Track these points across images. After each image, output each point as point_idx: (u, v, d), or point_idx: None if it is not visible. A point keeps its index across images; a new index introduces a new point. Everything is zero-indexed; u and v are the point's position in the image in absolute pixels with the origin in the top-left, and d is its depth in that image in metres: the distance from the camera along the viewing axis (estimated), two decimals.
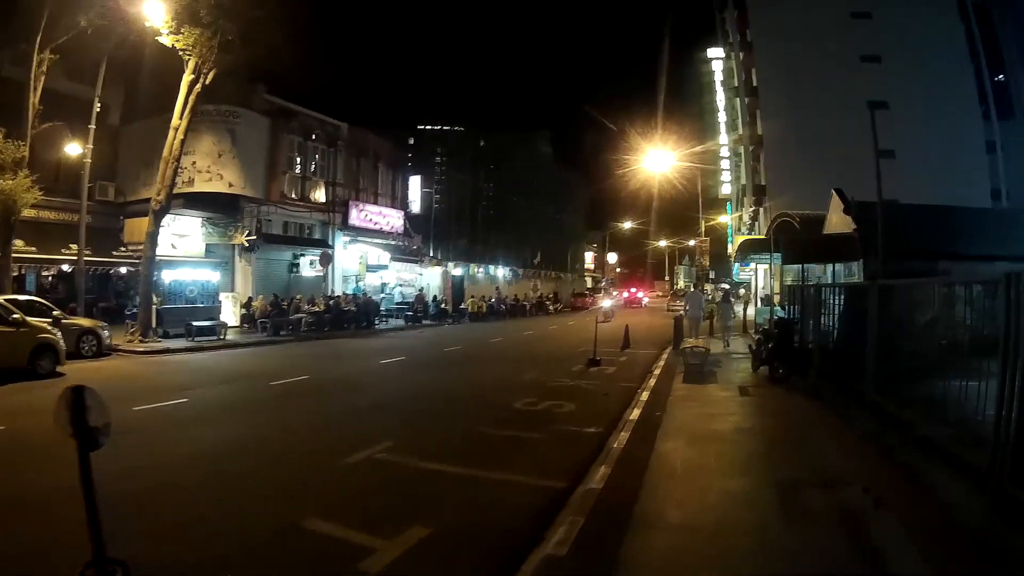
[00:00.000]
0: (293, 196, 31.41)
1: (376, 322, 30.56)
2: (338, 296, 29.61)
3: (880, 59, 37.88)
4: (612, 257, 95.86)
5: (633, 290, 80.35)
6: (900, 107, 35.38)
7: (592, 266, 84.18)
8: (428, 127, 44.75)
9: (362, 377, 14.94)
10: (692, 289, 28.35)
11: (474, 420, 9.75)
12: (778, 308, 16.43)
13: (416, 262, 38.32)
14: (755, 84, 41.93)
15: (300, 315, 26.29)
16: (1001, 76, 38.07)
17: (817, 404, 10.23)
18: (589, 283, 73.15)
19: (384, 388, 13.35)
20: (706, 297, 32.92)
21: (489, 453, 7.90)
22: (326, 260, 30.94)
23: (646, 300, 58.76)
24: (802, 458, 7.31)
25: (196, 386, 12.78)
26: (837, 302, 11.14)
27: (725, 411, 10.05)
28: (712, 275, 51.01)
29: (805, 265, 17.09)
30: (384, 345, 22.35)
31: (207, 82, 19.60)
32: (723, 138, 47.92)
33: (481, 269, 46.66)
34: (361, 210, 35.32)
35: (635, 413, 9.90)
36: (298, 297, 27.65)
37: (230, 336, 22.33)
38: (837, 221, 18.96)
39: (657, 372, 14.64)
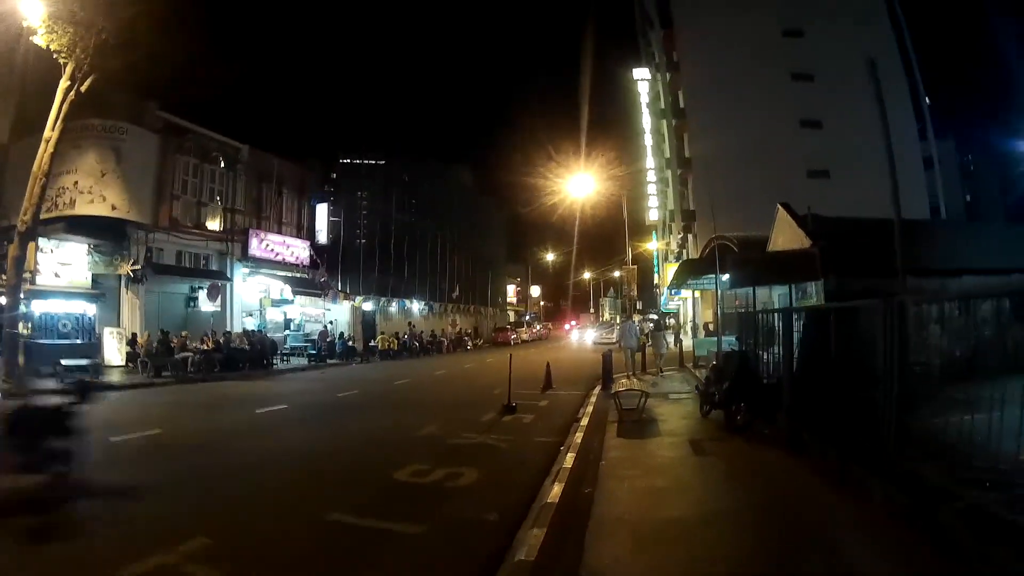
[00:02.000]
0: (187, 223, 28.23)
1: (274, 362, 27.00)
2: (230, 333, 25.91)
3: (813, 77, 37.30)
4: (536, 290, 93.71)
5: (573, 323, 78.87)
6: (834, 126, 34.61)
7: (515, 300, 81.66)
8: (349, 160, 40.88)
9: (221, 434, 11.59)
10: (625, 320, 26.32)
11: (334, 500, 6.85)
12: (731, 338, 13.90)
13: (319, 295, 34.66)
14: (682, 105, 40.62)
15: (186, 354, 22.90)
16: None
17: (802, 463, 7.57)
18: (512, 317, 70.41)
19: (241, 448, 10.08)
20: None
21: (331, 565, 5.19)
22: (215, 293, 27.39)
23: (593, 335, 55.08)
24: (825, 571, 4.47)
25: None
26: (796, 328, 9.10)
27: (680, 483, 7.27)
28: (640, 305, 48.96)
29: (754, 289, 14.56)
30: (273, 390, 19.15)
31: (83, 88, 17.29)
32: (649, 161, 46.31)
33: (395, 304, 43.15)
34: (262, 240, 32.03)
35: (555, 490, 6.99)
36: (184, 334, 24.16)
37: (112, 377, 19.71)
38: (785, 240, 16.73)
39: (584, 421, 11.75)
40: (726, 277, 17.45)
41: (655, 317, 45.69)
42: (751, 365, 10.33)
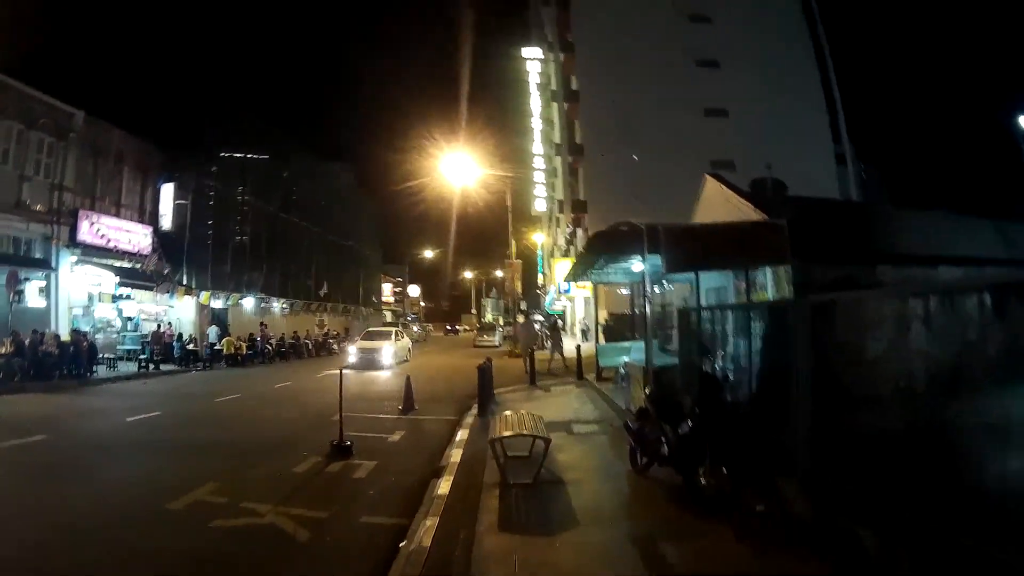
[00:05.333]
0: (4, 200, 22.45)
1: (94, 370, 21.17)
2: (39, 333, 20.24)
3: (719, 64, 34.93)
4: (415, 290, 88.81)
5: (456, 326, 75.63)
6: (740, 115, 32.32)
7: (392, 299, 76.31)
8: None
9: None
10: (525, 319, 27.33)
11: None
12: (639, 343, 9.90)
13: (149, 288, 28.41)
14: (575, 88, 37.05)
15: None
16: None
17: None
18: (389, 317, 65.06)
19: None
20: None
21: None
22: (14, 281, 21.13)
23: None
24: None
25: None
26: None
27: None
28: (523, 305, 45.23)
29: (698, 276, 10.55)
30: (37, 412, 13.84)
31: None
32: (537, 147, 42.66)
33: (250, 301, 37.01)
34: (94, 223, 25.82)
35: None
36: None
37: None
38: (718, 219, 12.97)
39: (446, 484, 7.23)
40: (639, 268, 13.58)
41: (540, 318, 42.13)
42: (722, 395, 6.26)
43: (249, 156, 37.16)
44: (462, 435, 10.07)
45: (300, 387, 19.01)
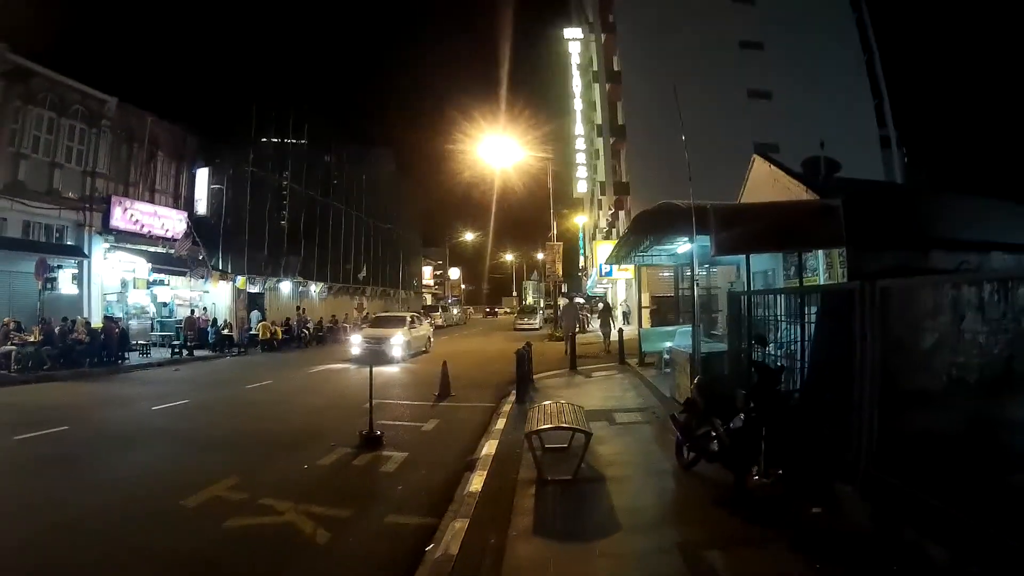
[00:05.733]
0: (38, 188, 22.41)
1: (126, 356, 21.29)
2: (69, 321, 20.45)
3: (762, 46, 34.11)
4: (455, 272, 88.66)
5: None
6: (784, 96, 31.23)
7: (432, 282, 76.29)
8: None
9: None
10: (568, 302, 26.92)
11: None
12: (685, 328, 9.33)
13: (183, 274, 28.40)
14: (617, 69, 36.23)
15: (9, 348, 17.71)
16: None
17: None
18: (428, 300, 65.05)
19: None
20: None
21: None
22: (43, 269, 21.34)
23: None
24: None
25: None
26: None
27: None
28: (564, 288, 44.69)
29: (748, 259, 9.92)
30: (64, 400, 13.64)
31: None
32: (579, 128, 41.90)
33: (287, 285, 37.07)
34: (127, 209, 25.83)
35: None
36: (5, 321, 18.79)
37: None
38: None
39: (480, 474, 6.86)
40: (684, 250, 13.04)
41: (580, 300, 41.57)
42: (779, 388, 5.76)
43: (287, 141, 37.17)
44: (499, 424, 9.64)
45: (333, 373, 18.76)
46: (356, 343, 22.14)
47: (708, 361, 8.33)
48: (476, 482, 6.50)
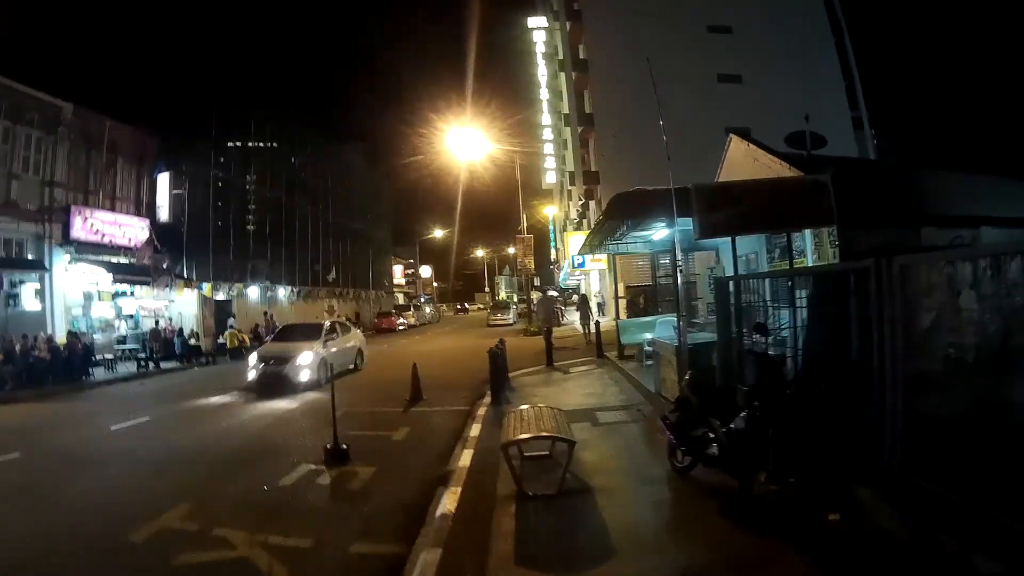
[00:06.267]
0: None
1: (89, 372, 20.44)
2: (29, 338, 19.51)
3: (731, 30, 34.15)
4: (426, 271, 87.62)
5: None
6: (755, 81, 31.30)
7: (403, 281, 75.18)
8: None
9: None
10: (542, 295, 26.83)
11: None
12: (690, 322, 8.75)
13: (147, 284, 27.27)
14: (583, 57, 35.76)
15: None
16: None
17: None
18: (401, 300, 64.03)
19: None
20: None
21: None
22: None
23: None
24: None
25: None
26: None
27: None
28: (537, 281, 44.13)
29: (734, 242, 9.33)
30: (17, 427, 12.67)
31: None
32: (546, 118, 41.33)
33: (255, 290, 35.96)
34: (87, 219, 24.74)
35: None
36: None
37: None
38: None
39: (454, 491, 6.17)
40: (660, 236, 12.49)
41: (555, 293, 41.10)
42: (785, 383, 5.15)
43: (250, 143, 36.07)
44: (473, 431, 8.95)
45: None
46: (252, 364, 16.13)
47: (696, 353, 7.72)
48: (449, 501, 5.80)
